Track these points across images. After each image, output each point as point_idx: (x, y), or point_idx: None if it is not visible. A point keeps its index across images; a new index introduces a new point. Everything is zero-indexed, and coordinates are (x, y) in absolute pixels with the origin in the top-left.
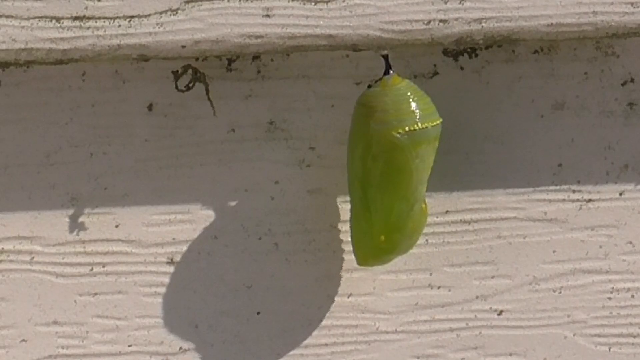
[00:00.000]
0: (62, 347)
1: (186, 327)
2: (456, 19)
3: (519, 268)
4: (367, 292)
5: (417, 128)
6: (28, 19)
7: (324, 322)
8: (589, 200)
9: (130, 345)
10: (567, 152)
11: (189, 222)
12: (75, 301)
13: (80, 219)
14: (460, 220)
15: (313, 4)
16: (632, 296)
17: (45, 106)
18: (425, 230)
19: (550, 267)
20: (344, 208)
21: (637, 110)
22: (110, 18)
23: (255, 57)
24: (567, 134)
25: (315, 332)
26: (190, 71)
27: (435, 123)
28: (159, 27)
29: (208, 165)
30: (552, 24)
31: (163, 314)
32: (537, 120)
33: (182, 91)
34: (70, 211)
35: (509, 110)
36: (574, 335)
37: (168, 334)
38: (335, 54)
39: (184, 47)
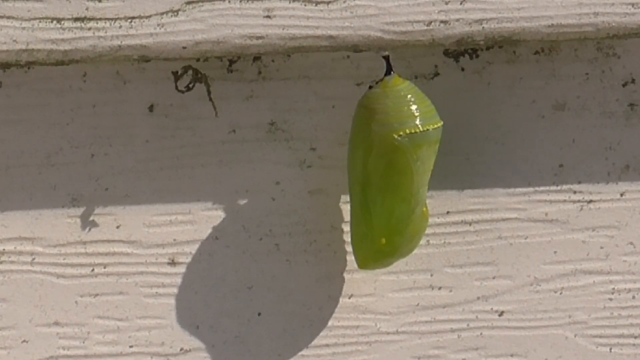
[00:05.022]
0: (63, 348)
1: (187, 327)
2: (457, 20)
3: (520, 269)
4: (368, 293)
5: (418, 131)
6: (29, 19)
7: (325, 323)
8: (590, 201)
9: (131, 346)
10: (568, 153)
11: (189, 222)
12: (76, 302)
13: (81, 220)
14: (461, 220)
15: (314, 4)
16: (633, 297)
17: (46, 107)
18: (427, 230)
19: (551, 268)
20: (345, 209)
21: (638, 111)
22: (111, 19)
23: (256, 58)
24: (568, 135)
25: (316, 333)
26: (190, 72)
27: (436, 126)
28: (159, 28)
29: (209, 166)
30: (553, 24)
31: (164, 315)
32: (538, 121)
33: (182, 92)
34: (71, 212)
35: (510, 111)
36: (575, 336)
37: (169, 334)
38: (336, 54)
39: (184, 48)
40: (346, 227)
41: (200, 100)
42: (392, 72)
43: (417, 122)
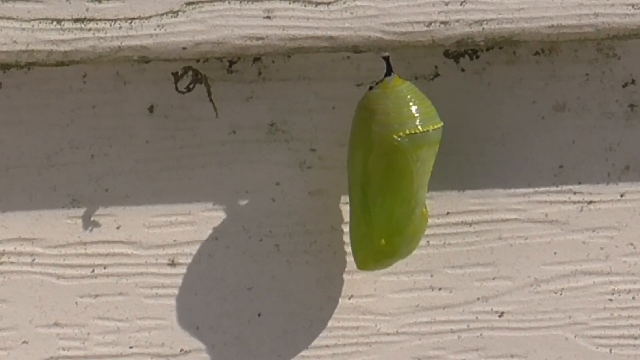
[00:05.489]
0: (63, 349)
1: (187, 328)
2: (457, 21)
3: (520, 269)
4: (368, 294)
5: (418, 131)
6: (29, 20)
7: (325, 324)
8: (590, 202)
9: (131, 347)
10: (568, 154)
11: (190, 223)
12: (76, 303)
13: (81, 221)
14: (461, 221)
15: (314, 5)
16: (633, 298)
17: (46, 108)
18: (427, 231)
19: (551, 269)
20: (345, 209)
21: (638, 111)
22: (111, 20)
23: (256, 59)
24: (568, 136)
25: (316, 334)
26: (190, 72)
27: (436, 126)
28: (159, 29)
29: (209, 167)
30: (553, 25)
31: (164, 316)
32: (538, 122)
33: (182, 92)
34: (71, 213)
35: (510, 112)
36: (575, 336)
37: (169, 335)
38: (336, 55)
39: (184, 48)
40: (346, 228)
41: (200, 101)
42: (392, 73)
43: (417, 123)
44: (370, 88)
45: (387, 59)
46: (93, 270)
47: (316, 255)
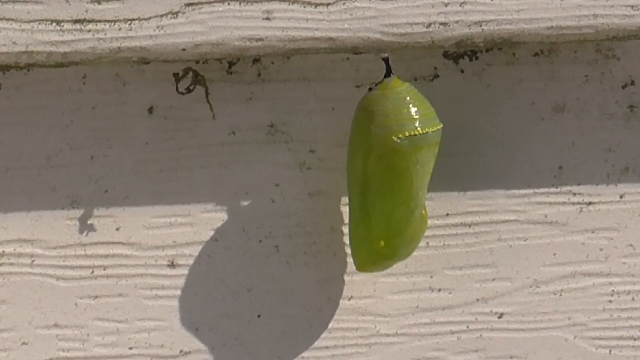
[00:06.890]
0: (63, 350)
1: (187, 329)
2: (456, 22)
3: (520, 271)
4: (367, 295)
5: (417, 133)
6: (28, 22)
7: (325, 325)
8: (590, 203)
9: (130, 348)
10: (567, 155)
11: (189, 224)
12: (75, 304)
13: (81, 222)
14: (461, 222)
15: (313, 7)
16: (633, 299)
17: (46, 109)
18: (426, 232)
19: (551, 270)
20: (345, 211)
21: (638, 112)
22: (111, 21)
23: (256, 60)
24: (568, 137)
25: (316, 335)
26: (190, 74)
27: (435, 128)
28: (159, 30)
29: (208, 168)
30: (552, 26)
31: (164, 317)
32: (538, 123)
33: (183, 94)
34: (71, 214)
35: (510, 113)
36: (574, 337)
37: (169, 336)
38: (336, 56)
39: (184, 50)
40: (346, 229)
41: (199, 102)
42: (391, 74)
43: (417, 124)
44: (370, 89)
45: (386, 60)
46: (92, 272)
47: (316, 256)
